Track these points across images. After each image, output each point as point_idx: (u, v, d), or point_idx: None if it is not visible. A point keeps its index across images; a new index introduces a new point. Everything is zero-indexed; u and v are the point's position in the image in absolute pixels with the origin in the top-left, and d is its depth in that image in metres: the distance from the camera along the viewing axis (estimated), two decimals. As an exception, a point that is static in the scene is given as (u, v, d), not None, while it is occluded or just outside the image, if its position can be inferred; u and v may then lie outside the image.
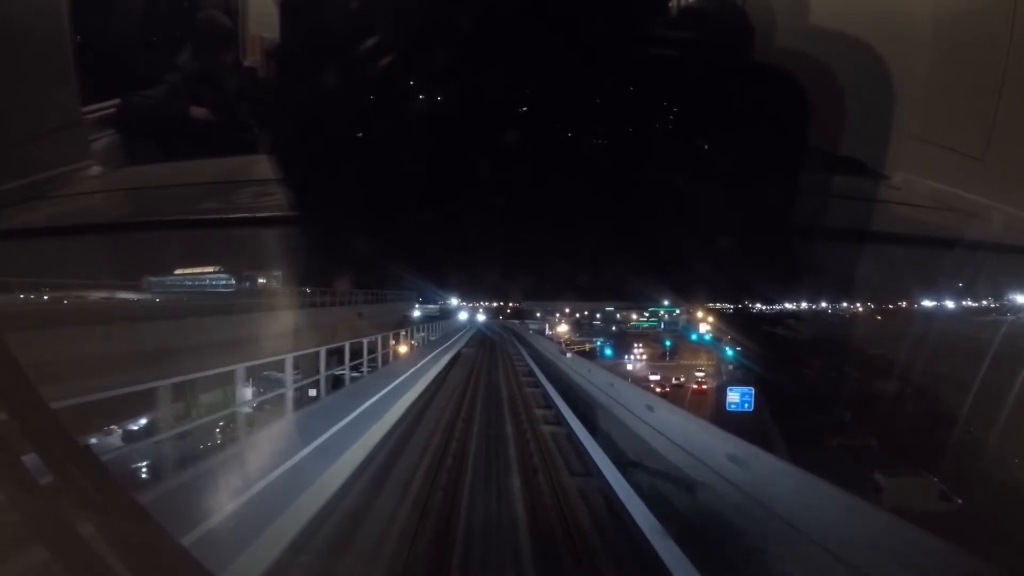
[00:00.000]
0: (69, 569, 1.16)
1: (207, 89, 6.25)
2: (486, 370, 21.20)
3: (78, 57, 5.39)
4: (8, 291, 10.11)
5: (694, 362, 48.65)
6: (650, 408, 10.16)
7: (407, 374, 13.25)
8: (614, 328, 63.29)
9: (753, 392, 21.82)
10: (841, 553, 4.37)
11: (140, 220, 6.82)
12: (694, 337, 55.53)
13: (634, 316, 66.15)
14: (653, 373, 45.23)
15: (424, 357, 17.61)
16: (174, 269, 13.05)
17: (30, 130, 5.30)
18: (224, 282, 13.92)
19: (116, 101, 6.33)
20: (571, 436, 9.83)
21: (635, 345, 55.34)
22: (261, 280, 15.39)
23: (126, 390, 5.38)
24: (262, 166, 6.19)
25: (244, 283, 14.72)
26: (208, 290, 14.30)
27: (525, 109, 7.69)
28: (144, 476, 8.23)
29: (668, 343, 55.16)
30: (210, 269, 13.65)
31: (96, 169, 6.01)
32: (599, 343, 56.54)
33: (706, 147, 7.61)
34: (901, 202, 5.69)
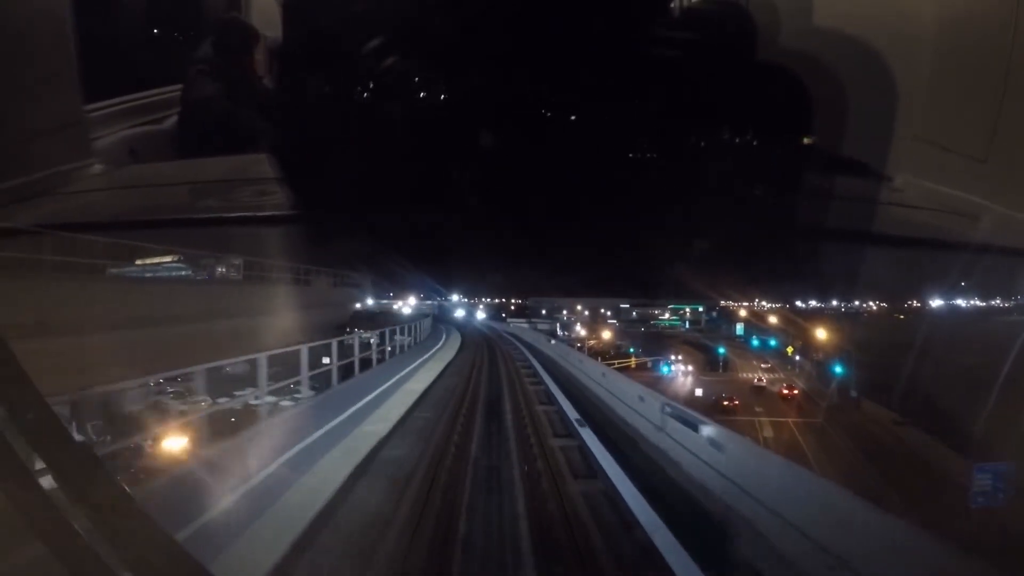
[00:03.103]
0: (65, 564, 1.16)
1: (212, 88, 6.26)
2: None
3: (80, 55, 5.40)
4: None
5: (751, 375, 38.21)
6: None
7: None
8: (643, 329, 53.48)
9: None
10: None
11: (141, 219, 6.83)
12: (755, 343, 45.88)
13: (666, 315, 57.46)
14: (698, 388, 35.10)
15: None
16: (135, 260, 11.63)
17: (32, 128, 5.31)
18: (184, 272, 13.31)
19: (118, 99, 6.36)
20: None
21: (675, 355, 43.54)
22: (220, 269, 14.31)
23: None
24: (262, 165, 6.20)
25: (202, 272, 13.90)
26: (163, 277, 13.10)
27: (547, 112, 7.72)
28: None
29: (721, 350, 43.24)
30: (168, 259, 12.79)
31: (98, 167, 6.02)
32: (632, 350, 45.52)
33: (703, 144, 7.65)
34: (903, 204, 5.68)
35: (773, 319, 46.59)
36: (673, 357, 42.62)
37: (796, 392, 32.54)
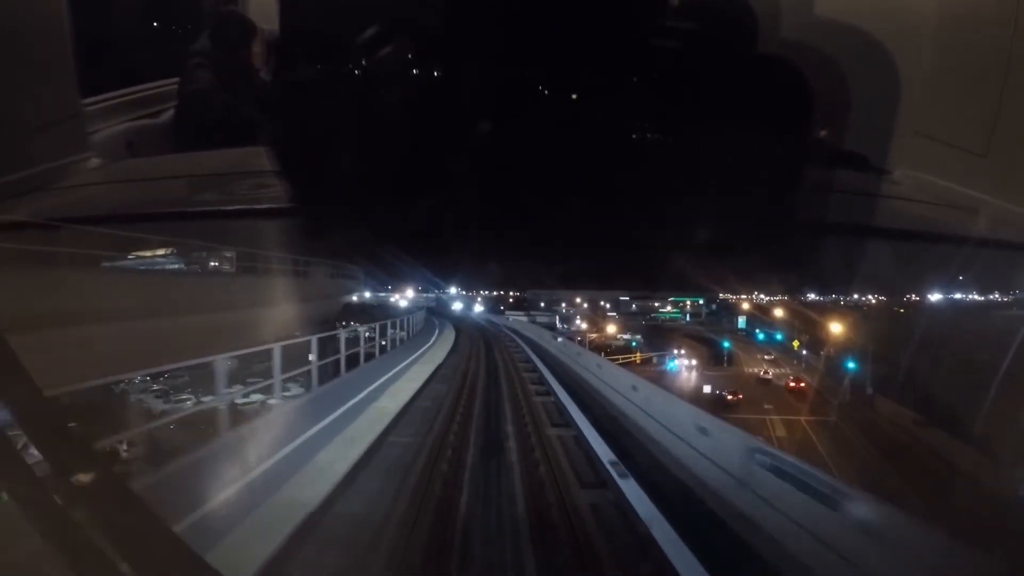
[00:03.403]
0: (65, 557, 1.17)
1: (210, 81, 6.24)
2: None
3: (77, 49, 5.38)
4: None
5: (756, 370, 36.36)
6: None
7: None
8: (644, 322, 51.64)
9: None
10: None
11: (139, 212, 6.82)
12: (760, 337, 44.61)
13: (668, 307, 56.13)
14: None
15: None
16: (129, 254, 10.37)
17: (29, 123, 5.29)
18: (176, 265, 13.01)
19: (115, 93, 6.34)
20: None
21: (677, 348, 41.45)
22: (213, 263, 13.84)
23: None
24: (260, 158, 6.19)
25: (193, 265, 13.45)
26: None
27: (545, 90, 7.64)
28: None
29: (726, 344, 41.50)
30: (161, 252, 12.31)
31: (95, 161, 6.01)
32: (634, 343, 43.61)
33: (703, 137, 7.63)
34: (903, 197, 5.68)
35: (778, 312, 44.15)
36: (676, 351, 40.69)
37: (803, 384, 31.28)
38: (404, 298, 42.96)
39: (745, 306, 50.26)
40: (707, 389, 31.61)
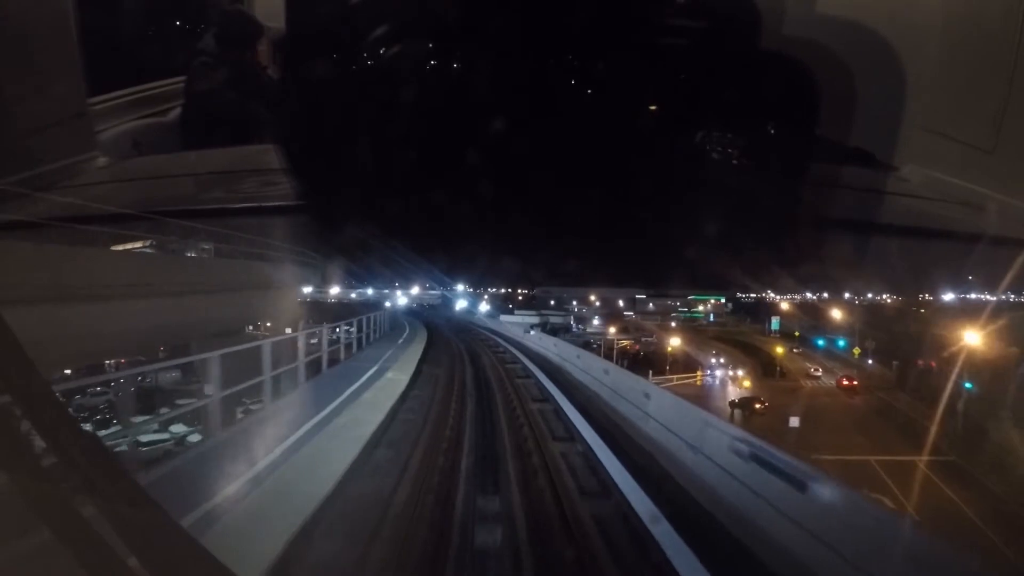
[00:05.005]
0: (73, 550, 1.18)
1: (216, 80, 6.26)
2: None
3: (84, 48, 5.41)
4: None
5: (810, 383, 31.53)
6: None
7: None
8: (673, 324, 46.76)
9: None
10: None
11: (145, 210, 6.85)
12: (820, 343, 39.52)
13: (699, 307, 52.55)
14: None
15: None
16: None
17: (37, 122, 5.33)
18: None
19: (122, 92, 6.38)
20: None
21: (713, 355, 37.77)
22: (191, 253, 12.45)
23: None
24: (267, 155, 6.21)
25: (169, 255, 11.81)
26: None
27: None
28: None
29: (779, 351, 37.37)
30: (139, 244, 11.34)
31: (103, 160, 6.05)
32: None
33: (708, 133, 7.57)
34: (909, 194, 5.64)
35: (838, 313, 37.96)
36: (713, 360, 37.32)
37: (856, 383, 28.90)
38: (406, 295, 41.21)
39: (784, 306, 45.44)
40: (793, 422, 22.43)
